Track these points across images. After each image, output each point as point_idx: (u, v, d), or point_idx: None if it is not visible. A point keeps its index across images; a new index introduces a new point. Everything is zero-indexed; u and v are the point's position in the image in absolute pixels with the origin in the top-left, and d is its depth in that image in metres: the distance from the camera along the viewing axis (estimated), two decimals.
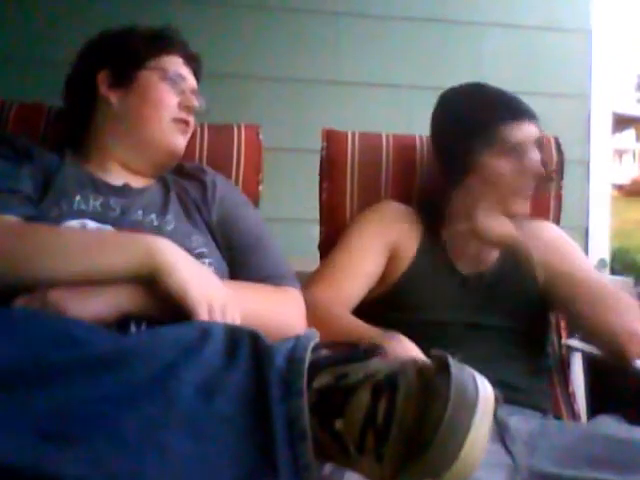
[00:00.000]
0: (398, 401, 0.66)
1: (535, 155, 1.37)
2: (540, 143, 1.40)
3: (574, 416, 1.48)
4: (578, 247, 1.50)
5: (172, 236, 1.15)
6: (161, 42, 1.32)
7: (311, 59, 2.37)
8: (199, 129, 1.53)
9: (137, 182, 1.28)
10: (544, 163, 1.41)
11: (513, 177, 1.37)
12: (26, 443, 0.62)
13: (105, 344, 0.72)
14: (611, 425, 1.20)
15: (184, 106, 1.29)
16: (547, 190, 1.39)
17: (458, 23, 2.45)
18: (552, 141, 1.65)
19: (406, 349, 1.04)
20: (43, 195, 1.15)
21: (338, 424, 0.67)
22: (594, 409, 1.53)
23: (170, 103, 1.28)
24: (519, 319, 1.38)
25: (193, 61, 1.36)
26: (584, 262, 1.50)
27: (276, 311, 1.12)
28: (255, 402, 0.68)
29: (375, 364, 0.71)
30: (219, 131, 1.56)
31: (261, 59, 2.33)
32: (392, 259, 1.40)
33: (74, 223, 1.11)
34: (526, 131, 1.38)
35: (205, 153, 1.52)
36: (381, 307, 1.37)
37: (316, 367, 0.71)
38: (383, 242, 1.40)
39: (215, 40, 2.28)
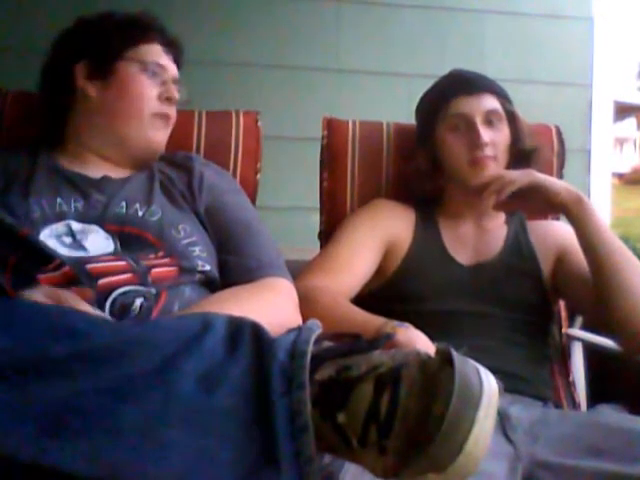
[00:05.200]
0: (401, 395, 0.66)
1: (482, 127, 1.37)
2: (500, 116, 1.40)
3: (574, 405, 1.48)
4: None
5: (158, 227, 1.14)
6: (138, 30, 1.27)
7: (312, 47, 2.36)
8: (197, 115, 1.51)
9: (117, 173, 1.25)
10: (516, 138, 1.41)
11: (461, 149, 1.38)
12: (25, 436, 0.61)
13: (105, 336, 0.71)
14: (611, 414, 1.20)
15: (165, 98, 1.25)
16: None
17: (459, 11, 2.43)
18: (553, 130, 1.64)
19: (416, 337, 1.04)
20: (24, 194, 1.12)
21: (340, 417, 0.67)
22: (594, 398, 1.53)
23: (150, 96, 1.24)
24: (520, 308, 1.38)
25: (173, 48, 1.31)
26: None
27: (269, 316, 0.99)
28: (257, 395, 0.68)
29: (378, 356, 0.70)
30: (217, 117, 1.54)
31: (262, 47, 2.32)
32: (388, 254, 1.41)
33: (58, 225, 1.09)
34: (473, 103, 1.39)
35: (203, 140, 1.50)
36: (379, 300, 1.36)
37: (318, 359, 0.71)
38: (377, 238, 1.40)
39: (215, 28, 2.27)
